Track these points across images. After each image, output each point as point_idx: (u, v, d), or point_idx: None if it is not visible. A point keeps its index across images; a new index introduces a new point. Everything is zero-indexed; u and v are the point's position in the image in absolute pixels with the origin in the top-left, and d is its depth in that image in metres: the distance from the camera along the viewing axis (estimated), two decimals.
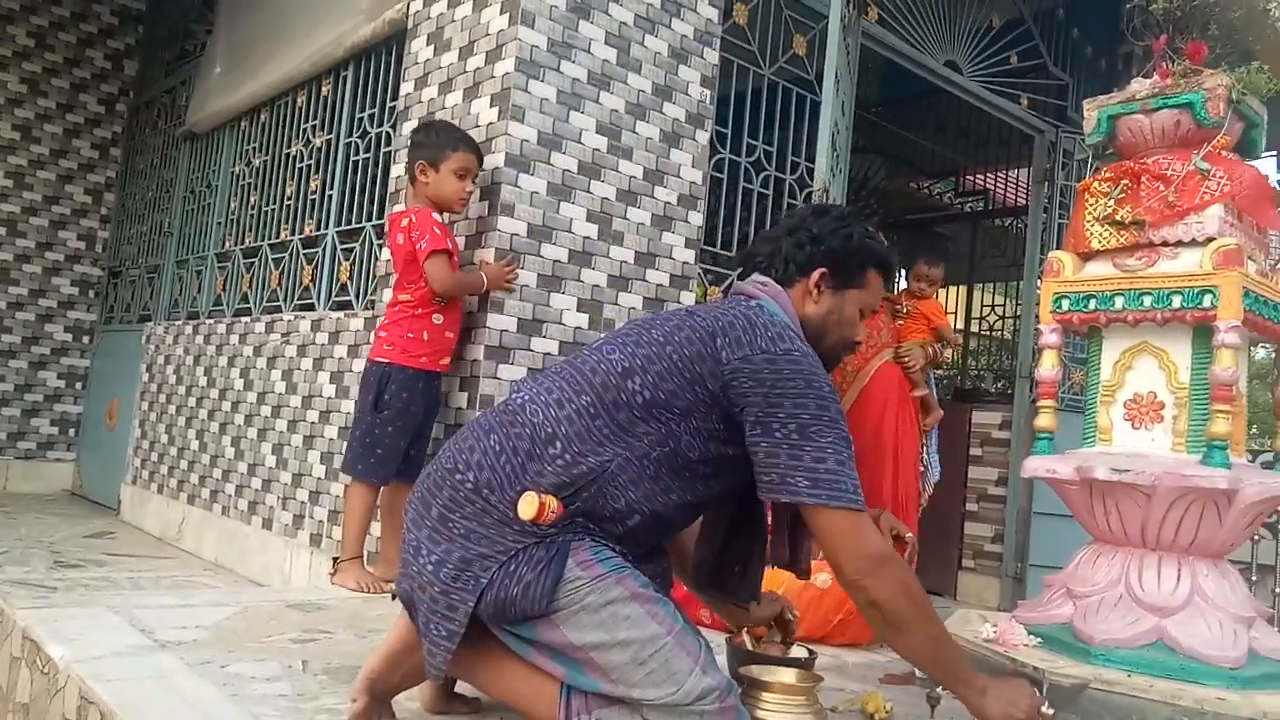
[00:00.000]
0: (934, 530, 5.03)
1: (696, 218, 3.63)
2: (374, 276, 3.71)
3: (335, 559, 3.11)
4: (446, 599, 1.53)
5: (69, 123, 6.36)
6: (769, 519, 1.89)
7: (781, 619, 2.09)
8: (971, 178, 7.57)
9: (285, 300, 4.34)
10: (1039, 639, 2.24)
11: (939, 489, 5.46)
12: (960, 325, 7.49)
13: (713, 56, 3.65)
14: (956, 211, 7.86)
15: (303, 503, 3.79)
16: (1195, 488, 2.11)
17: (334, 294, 4.03)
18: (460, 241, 3.19)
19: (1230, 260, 2.14)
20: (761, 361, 1.61)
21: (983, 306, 7.52)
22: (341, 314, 3.81)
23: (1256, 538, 5.05)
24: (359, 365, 3.57)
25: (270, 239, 4.59)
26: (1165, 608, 2.15)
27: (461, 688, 1.81)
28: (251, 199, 4.86)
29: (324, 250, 4.11)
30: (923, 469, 4.36)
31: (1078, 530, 2.49)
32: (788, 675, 1.81)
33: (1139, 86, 2.40)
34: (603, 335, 3.28)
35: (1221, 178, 2.21)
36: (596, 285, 3.32)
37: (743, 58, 3.85)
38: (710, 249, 3.78)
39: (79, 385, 6.47)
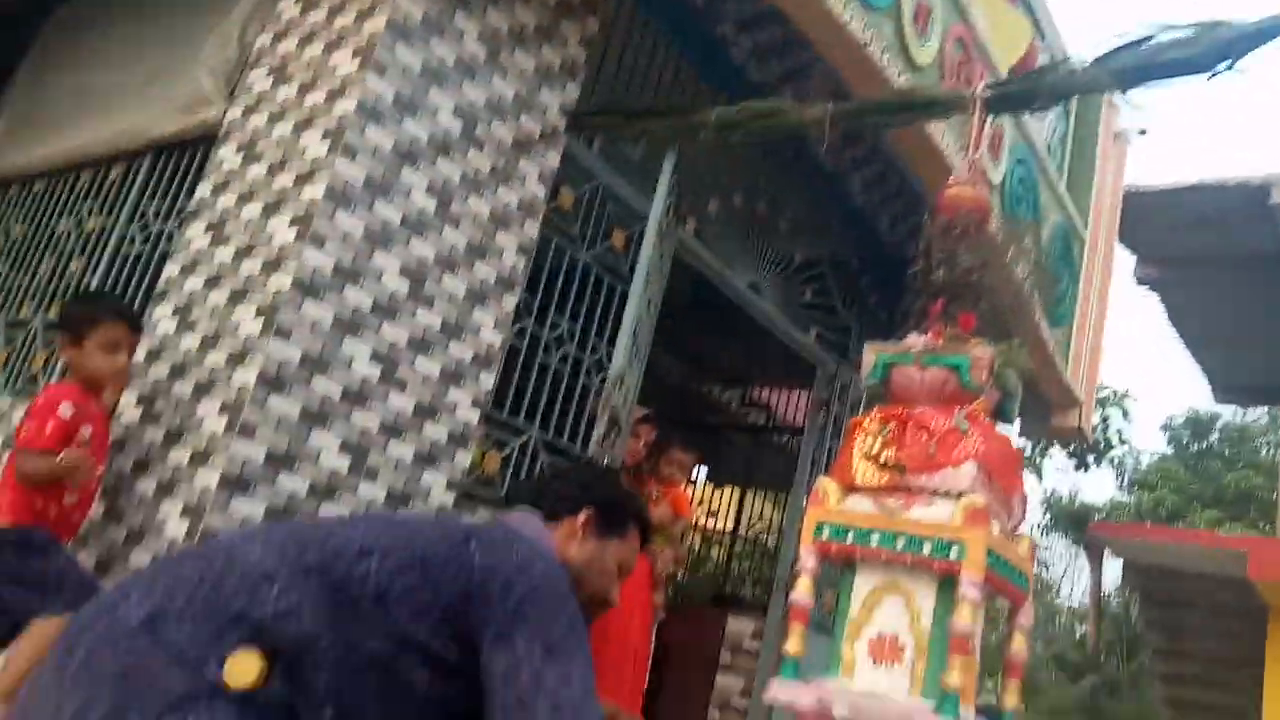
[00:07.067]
0: None
1: (488, 379, 3.53)
2: None
3: None
4: None
5: None
6: None
7: None
8: (758, 392, 7.97)
9: (8, 383, 3.83)
10: None
11: (685, 694, 5.38)
12: (729, 528, 7.65)
13: (533, 229, 3.67)
14: (740, 422, 8.19)
15: None
16: None
17: None
18: (221, 358, 2.92)
19: (978, 518, 2.24)
20: (514, 572, 1.50)
21: (752, 514, 7.74)
22: None
23: None
24: None
25: (9, 316, 4.09)
26: None
27: None
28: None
29: None
30: None
31: None
32: None
33: (914, 342, 2.57)
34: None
35: (978, 439, 2.36)
36: (366, 430, 3.11)
37: (562, 238, 3.91)
38: (497, 415, 3.67)
39: None
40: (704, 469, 8.53)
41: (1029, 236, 2.60)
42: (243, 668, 1.29)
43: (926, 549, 2.29)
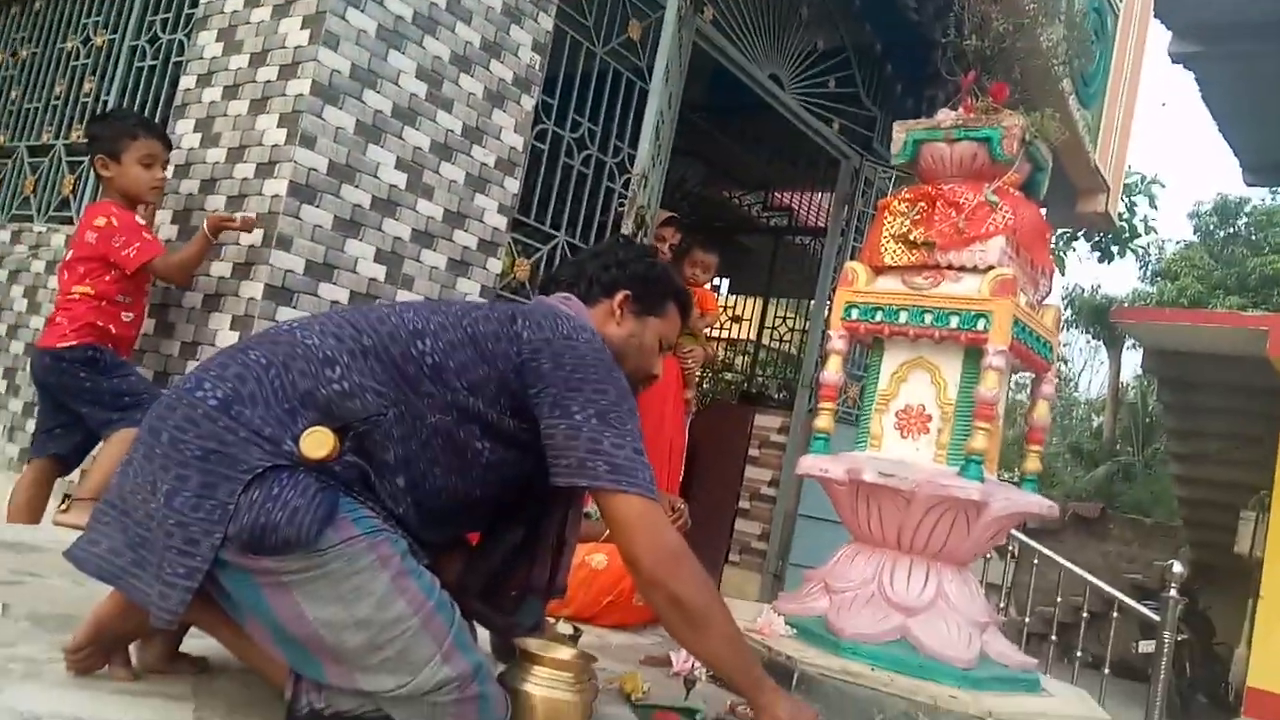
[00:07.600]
0: (706, 525, 5.18)
1: (513, 184, 3.53)
2: None
3: (67, 496, 2.78)
4: (184, 531, 1.34)
5: None
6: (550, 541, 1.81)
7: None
8: (779, 195, 7.86)
9: (38, 210, 3.87)
10: (795, 630, 2.32)
11: (717, 485, 5.66)
12: (753, 335, 7.77)
13: (546, 22, 3.56)
14: (762, 225, 8.14)
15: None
16: (950, 497, 2.25)
17: None
18: (250, 170, 2.94)
19: (1005, 289, 2.29)
20: (562, 344, 1.56)
21: (775, 318, 7.84)
22: None
23: (987, 557, 5.55)
24: None
25: (29, 140, 4.08)
26: (911, 608, 2.28)
27: (189, 645, 1.64)
28: (12, 94, 4.31)
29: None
30: None
31: (836, 533, 2.61)
32: (563, 651, 1.73)
33: (944, 116, 2.53)
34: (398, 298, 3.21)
35: (1007, 212, 2.37)
36: (399, 238, 3.15)
37: (577, 32, 3.79)
38: (524, 220, 3.69)
39: None
40: (727, 280, 8.57)
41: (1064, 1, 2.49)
42: (317, 440, 1.39)
43: (954, 322, 2.35)
